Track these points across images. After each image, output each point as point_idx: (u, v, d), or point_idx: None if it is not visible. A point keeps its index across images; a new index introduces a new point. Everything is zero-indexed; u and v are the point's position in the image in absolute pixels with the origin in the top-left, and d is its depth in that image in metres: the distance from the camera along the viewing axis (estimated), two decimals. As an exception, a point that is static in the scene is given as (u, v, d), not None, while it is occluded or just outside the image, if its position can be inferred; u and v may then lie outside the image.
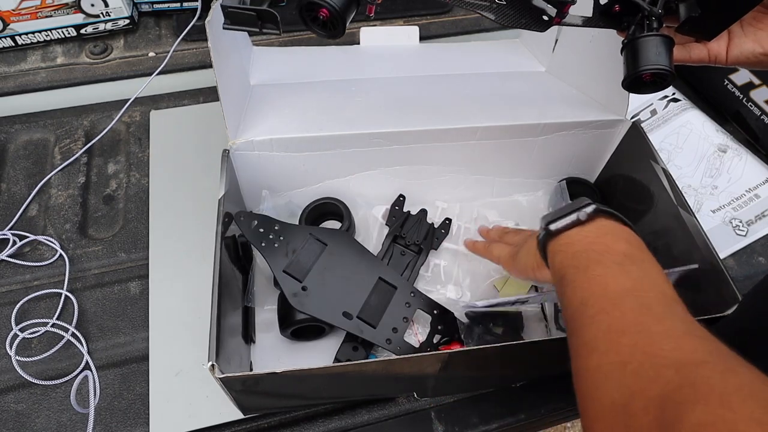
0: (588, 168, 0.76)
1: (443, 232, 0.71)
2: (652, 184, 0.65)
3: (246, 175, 0.66)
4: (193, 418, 0.58)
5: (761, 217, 0.76)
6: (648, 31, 0.47)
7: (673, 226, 0.61)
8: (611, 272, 0.40)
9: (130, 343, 0.63)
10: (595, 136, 0.70)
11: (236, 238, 0.61)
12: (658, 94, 0.87)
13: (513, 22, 0.48)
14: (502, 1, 0.47)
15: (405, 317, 0.60)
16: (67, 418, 0.58)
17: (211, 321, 0.48)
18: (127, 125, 0.84)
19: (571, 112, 0.68)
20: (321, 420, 0.59)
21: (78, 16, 0.89)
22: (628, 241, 0.43)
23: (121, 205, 0.76)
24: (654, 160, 0.64)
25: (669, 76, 0.46)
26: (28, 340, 0.63)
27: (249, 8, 0.44)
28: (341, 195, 0.69)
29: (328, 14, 0.43)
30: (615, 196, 0.74)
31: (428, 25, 1.00)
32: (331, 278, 0.60)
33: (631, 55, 0.47)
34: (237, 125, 0.62)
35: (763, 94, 0.84)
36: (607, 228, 0.44)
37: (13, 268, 0.69)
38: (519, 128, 0.67)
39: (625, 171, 0.71)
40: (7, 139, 0.82)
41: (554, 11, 0.47)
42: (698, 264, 0.56)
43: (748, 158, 0.80)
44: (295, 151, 0.64)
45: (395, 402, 0.60)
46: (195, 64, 0.91)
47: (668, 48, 0.47)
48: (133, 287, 0.68)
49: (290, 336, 0.60)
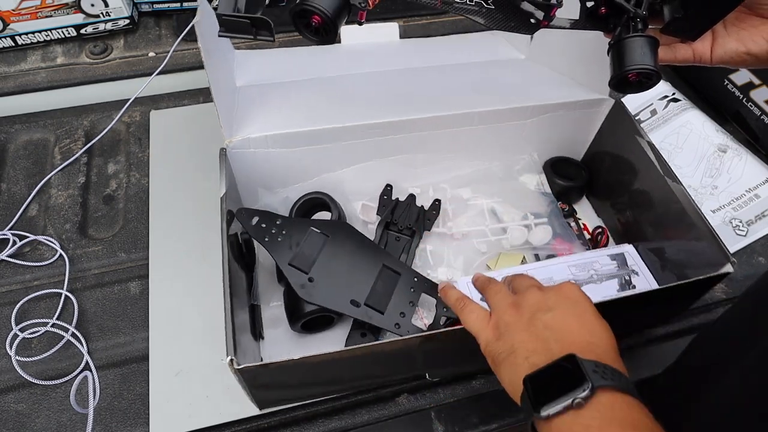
0: (575, 147, 0.78)
1: (434, 213, 0.72)
2: (638, 157, 0.67)
3: (242, 174, 0.66)
4: (193, 418, 0.58)
5: (761, 217, 0.76)
6: (633, 33, 0.48)
7: (662, 195, 0.63)
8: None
9: (130, 343, 0.64)
10: (581, 115, 0.72)
11: (239, 235, 0.62)
12: (658, 94, 0.87)
13: (501, 25, 0.50)
14: (490, 5, 0.48)
15: (411, 301, 0.61)
16: (67, 418, 0.58)
17: (225, 316, 0.48)
18: (127, 125, 0.84)
19: (556, 94, 0.71)
20: (321, 420, 0.59)
21: (78, 16, 0.89)
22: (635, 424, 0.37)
23: (121, 205, 0.76)
24: (639, 135, 0.66)
25: (654, 76, 0.47)
26: (28, 340, 0.63)
27: (243, 16, 0.45)
28: (336, 188, 0.71)
29: (321, 21, 0.44)
30: (601, 172, 0.76)
31: (410, 27, 1.00)
32: (336, 268, 0.61)
33: (617, 56, 0.48)
34: (230, 125, 0.63)
35: (763, 94, 0.84)
36: (608, 411, 0.37)
37: (13, 268, 0.69)
38: (507, 112, 0.69)
39: (610, 147, 0.73)
40: (7, 139, 0.82)
41: (541, 14, 0.48)
42: (690, 229, 0.59)
43: (748, 158, 0.80)
44: (290, 146, 0.66)
45: (395, 402, 0.60)
46: (195, 64, 0.91)
47: (653, 48, 0.47)
48: (133, 287, 0.68)
49: (300, 329, 0.61)
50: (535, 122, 0.71)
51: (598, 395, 0.37)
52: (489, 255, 0.70)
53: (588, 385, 0.37)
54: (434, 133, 0.69)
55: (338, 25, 0.45)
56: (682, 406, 0.54)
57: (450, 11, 0.49)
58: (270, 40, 0.46)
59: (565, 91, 0.71)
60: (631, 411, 0.38)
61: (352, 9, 0.46)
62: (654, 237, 0.66)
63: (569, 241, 0.71)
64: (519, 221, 0.72)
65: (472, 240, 0.71)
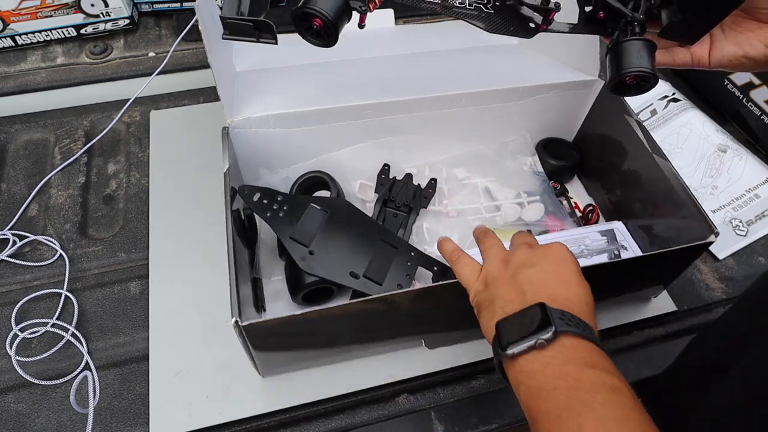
0: (566, 128, 0.80)
1: (430, 191, 0.74)
2: (627, 136, 0.68)
3: (244, 154, 0.68)
4: (193, 418, 0.58)
5: (761, 217, 0.76)
6: (631, 36, 0.48)
7: (651, 174, 0.65)
8: (586, 424, 0.37)
9: (130, 343, 0.64)
10: (572, 96, 0.74)
11: (241, 211, 0.63)
12: (658, 95, 0.88)
13: (501, 29, 0.51)
14: (490, 10, 0.49)
15: (408, 274, 0.63)
16: (67, 418, 0.58)
17: (230, 284, 0.50)
18: (127, 125, 0.84)
19: (547, 75, 0.72)
20: (321, 420, 0.59)
21: (78, 16, 0.89)
22: (593, 364, 0.40)
23: (121, 205, 0.76)
24: (628, 114, 0.67)
25: (651, 78, 0.48)
26: (28, 340, 0.63)
27: (246, 19, 0.46)
28: (334, 168, 0.72)
29: (322, 24, 0.45)
30: (592, 152, 0.77)
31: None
32: (335, 242, 0.63)
33: (614, 59, 0.49)
34: (231, 106, 0.64)
35: (763, 94, 0.84)
36: (568, 351, 0.40)
37: (13, 268, 0.69)
38: (500, 93, 0.71)
39: (600, 128, 0.75)
40: (7, 139, 0.82)
41: (540, 18, 0.49)
42: (676, 202, 0.61)
43: (748, 158, 0.80)
44: (290, 126, 0.67)
45: (395, 402, 0.60)
46: (195, 64, 0.91)
47: (650, 51, 0.48)
48: (133, 287, 0.68)
49: (301, 301, 0.63)
50: (528, 103, 0.73)
51: (561, 339, 0.41)
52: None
53: (552, 329, 0.40)
54: (429, 114, 0.71)
55: (339, 28, 0.46)
56: (683, 406, 0.54)
57: (449, 15, 0.49)
58: (273, 43, 0.47)
59: (556, 73, 0.73)
60: (591, 354, 0.41)
61: (352, 12, 0.47)
62: (643, 214, 0.68)
63: (561, 219, 0.73)
64: (512, 199, 0.74)
65: (467, 217, 0.73)
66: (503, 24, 0.50)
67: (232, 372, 0.61)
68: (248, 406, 0.59)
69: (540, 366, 0.40)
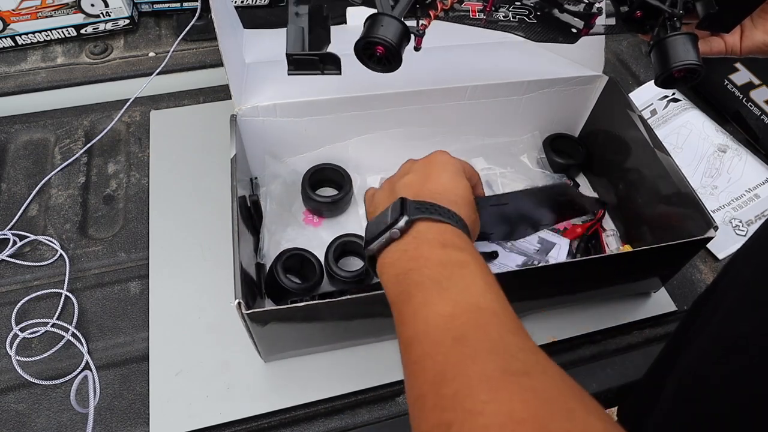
0: (571, 123, 0.81)
1: None
2: (629, 131, 0.69)
3: (251, 142, 0.69)
4: (193, 418, 0.58)
5: (761, 217, 0.76)
6: (671, 31, 0.50)
7: (652, 168, 0.66)
8: (431, 297, 0.38)
9: (130, 343, 0.64)
10: (576, 92, 0.75)
11: (246, 198, 0.63)
12: (658, 94, 0.88)
13: (543, 37, 0.53)
14: (532, 20, 0.50)
15: None
16: (67, 418, 0.58)
17: (234, 263, 0.50)
18: (127, 125, 0.84)
19: (552, 70, 0.73)
20: (321, 420, 0.59)
21: (78, 16, 0.89)
22: (444, 243, 0.42)
23: (121, 205, 0.76)
24: (630, 109, 0.68)
25: (700, 70, 0.50)
26: (28, 340, 0.63)
27: (312, 54, 0.48)
28: (341, 159, 0.73)
29: (384, 51, 0.46)
30: (596, 148, 0.78)
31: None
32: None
33: (660, 55, 0.50)
34: (240, 95, 0.65)
35: (763, 94, 0.84)
36: (422, 235, 0.42)
37: (13, 268, 0.69)
38: (505, 86, 0.72)
39: (604, 124, 0.76)
40: (7, 139, 0.82)
41: (581, 24, 0.51)
42: (677, 197, 0.62)
43: (748, 158, 0.80)
44: (298, 116, 0.68)
45: (395, 402, 0.60)
46: (195, 64, 0.91)
47: (694, 44, 0.50)
48: (133, 287, 0.68)
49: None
50: (532, 98, 0.74)
51: (416, 225, 0.43)
52: None
53: (404, 219, 0.42)
54: (436, 107, 0.72)
55: (401, 53, 0.47)
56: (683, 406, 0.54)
57: (495, 29, 0.51)
58: (337, 74, 0.49)
59: (561, 69, 0.74)
60: (443, 234, 0.43)
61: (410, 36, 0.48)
62: (646, 210, 0.69)
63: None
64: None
65: None
66: (545, 32, 0.52)
67: (232, 372, 0.61)
68: (248, 406, 0.59)
69: (399, 254, 0.42)
